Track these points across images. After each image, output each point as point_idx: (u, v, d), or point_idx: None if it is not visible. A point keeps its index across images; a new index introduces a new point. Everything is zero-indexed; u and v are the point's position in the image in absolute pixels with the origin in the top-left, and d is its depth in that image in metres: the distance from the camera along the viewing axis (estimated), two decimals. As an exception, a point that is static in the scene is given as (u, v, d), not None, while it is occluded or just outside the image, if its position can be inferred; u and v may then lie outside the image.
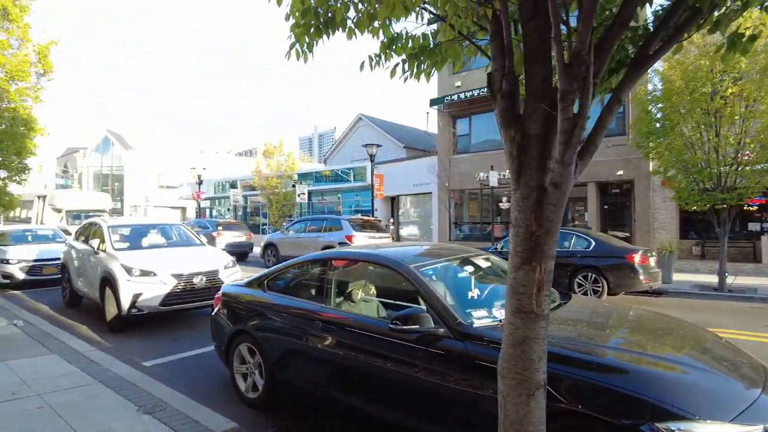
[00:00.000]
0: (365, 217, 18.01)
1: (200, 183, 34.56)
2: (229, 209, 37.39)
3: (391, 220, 22.63)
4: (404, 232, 25.97)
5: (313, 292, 4.74)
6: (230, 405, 4.89)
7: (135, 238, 9.79)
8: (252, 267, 16.96)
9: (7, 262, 12.76)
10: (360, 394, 3.92)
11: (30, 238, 15.21)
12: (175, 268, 8.12)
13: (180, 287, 7.94)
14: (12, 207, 10.70)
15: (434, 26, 2.89)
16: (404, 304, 4.22)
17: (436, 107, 22.76)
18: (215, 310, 5.54)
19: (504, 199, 20.97)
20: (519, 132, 2.29)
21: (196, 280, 8.10)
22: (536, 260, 2.33)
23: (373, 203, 21.63)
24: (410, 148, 29.45)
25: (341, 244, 15.15)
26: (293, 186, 29.84)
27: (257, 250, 22.15)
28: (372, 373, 3.82)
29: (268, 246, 18.42)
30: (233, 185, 37.81)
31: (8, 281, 12.71)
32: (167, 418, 4.32)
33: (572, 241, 9.94)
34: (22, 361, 6.04)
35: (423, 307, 3.81)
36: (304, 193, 27.47)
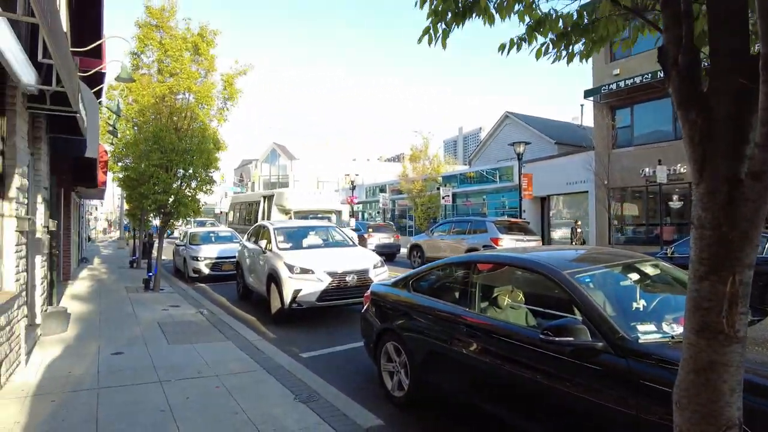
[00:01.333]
0: (512, 219, 17.29)
1: (353, 188, 36.72)
2: (378, 212, 39.15)
3: (577, 223, 20.21)
4: (556, 234, 24.36)
5: (457, 295, 4.67)
6: (377, 401, 4.98)
7: (297, 239, 10.61)
8: (399, 267, 17.44)
9: (197, 259, 14.95)
10: (505, 404, 3.77)
11: (213, 238, 17.70)
12: (330, 266, 8.60)
13: (334, 284, 8.40)
14: (199, 213, 12.51)
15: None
16: (556, 313, 3.87)
17: (591, 98, 20.94)
18: (365, 307, 5.73)
19: (675, 197, 18.38)
20: (702, 113, 1.88)
21: (348, 278, 8.51)
22: (727, 269, 1.91)
23: (520, 204, 20.68)
24: (563, 144, 27.51)
25: (486, 246, 14.72)
26: (438, 189, 30.03)
27: (404, 251, 22.75)
28: (519, 384, 3.64)
29: (414, 247, 18.73)
30: (382, 189, 39.52)
31: (197, 275, 14.88)
32: (319, 408, 4.55)
33: (766, 245, 8.30)
34: (206, 345, 6.95)
35: (578, 317, 3.50)
36: (448, 196, 27.47)
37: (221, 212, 76.74)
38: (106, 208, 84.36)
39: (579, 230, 19.09)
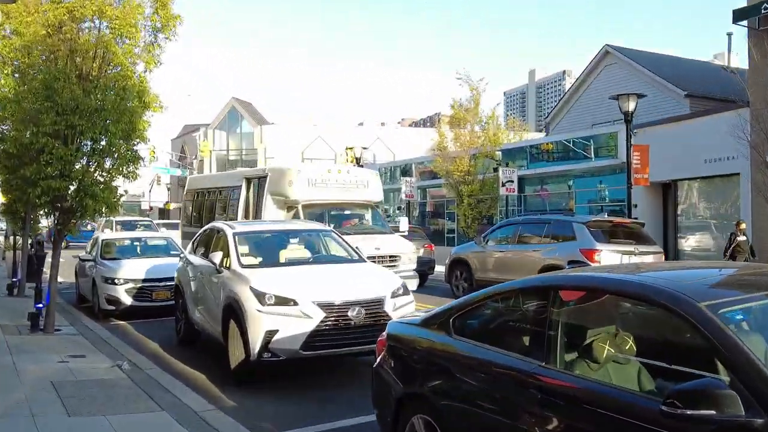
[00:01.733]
0: (617, 219, 17.17)
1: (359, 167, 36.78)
2: (400, 208, 39.19)
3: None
4: (689, 243, 24.13)
5: (527, 341, 4.69)
6: None
7: (269, 249, 10.78)
8: (432, 295, 17.51)
9: (113, 282, 15.28)
10: None
11: (139, 249, 17.97)
12: (322, 293, 8.75)
13: (329, 323, 8.53)
14: (115, 209, 12.63)
15: None
16: (688, 371, 3.84)
17: (744, 23, 20.68)
18: (378, 359, 5.81)
19: None
20: None
21: (352, 312, 8.61)
22: None
23: (630, 195, 20.47)
24: (697, 98, 27.21)
25: (573, 262, 14.64)
26: (494, 170, 29.87)
27: (440, 269, 22.73)
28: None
29: (457, 263, 18.84)
30: (406, 172, 39.57)
31: (114, 308, 15.20)
32: None
33: None
34: (127, 418, 7.06)
35: (724, 378, 3.50)
36: (512, 181, 27.39)
37: (150, 208, 78.21)
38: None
39: (742, 237, 18.64)
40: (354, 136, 53.62)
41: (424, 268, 21.35)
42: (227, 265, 9.85)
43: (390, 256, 15.85)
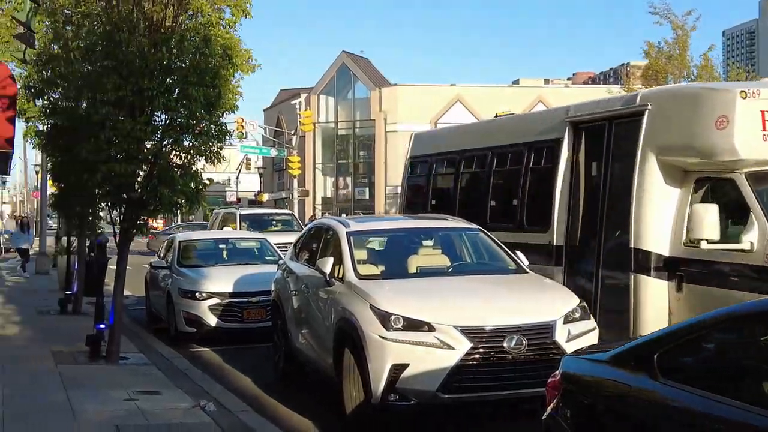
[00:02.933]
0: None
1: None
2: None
3: None
4: None
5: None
6: None
7: (396, 255, 10.88)
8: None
9: (194, 296, 15.77)
10: None
11: (225, 254, 18.48)
12: (467, 316, 8.70)
13: (478, 356, 8.46)
14: (198, 201, 12.91)
15: None
16: None
17: None
18: (548, 408, 5.74)
19: None
20: None
21: (509, 342, 8.52)
22: None
23: None
24: None
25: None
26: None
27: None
28: None
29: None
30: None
31: (194, 330, 15.72)
32: None
33: None
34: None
35: None
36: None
37: (238, 199, 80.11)
38: (13, 193, 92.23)
39: None
40: (506, 99, 52.96)
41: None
42: (340, 276, 9.94)
43: None
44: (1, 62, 11.68)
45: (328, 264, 10.10)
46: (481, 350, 8.45)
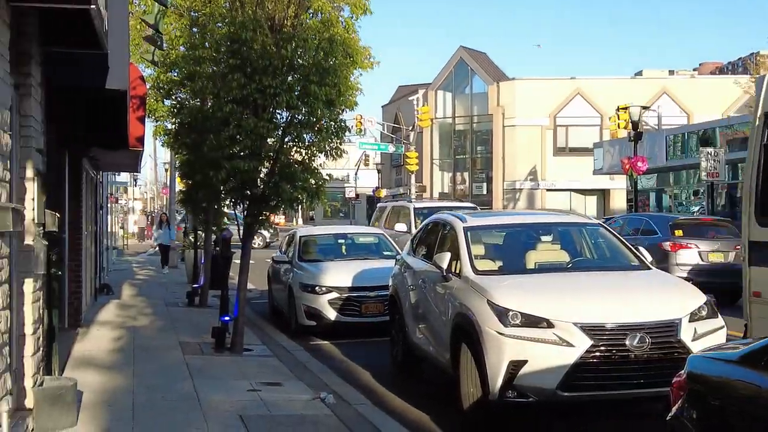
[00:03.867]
0: None
1: (637, 138, 35.39)
2: (696, 192, 37.35)
3: None
4: None
5: None
6: None
7: (513, 250, 10.77)
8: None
9: (314, 290, 16.01)
10: None
11: (344, 249, 18.68)
12: (587, 313, 8.56)
13: (598, 353, 8.31)
14: (318, 197, 13.05)
15: None
16: None
17: None
18: (673, 409, 5.62)
19: None
20: None
21: (631, 340, 8.33)
22: None
23: None
24: None
25: None
26: None
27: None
28: None
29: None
30: (706, 140, 37.74)
31: (314, 322, 15.99)
32: None
33: None
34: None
35: None
36: None
37: (356, 195, 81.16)
38: (143, 190, 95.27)
39: None
40: (628, 92, 51.95)
41: (734, 280, 20.17)
42: (457, 271, 9.91)
43: None
44: (132, 64, 11.98)
45: (445, 259, 10.06)
46: (602, 348, 8.28)
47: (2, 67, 6.48)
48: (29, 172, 7.89)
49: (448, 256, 10.09)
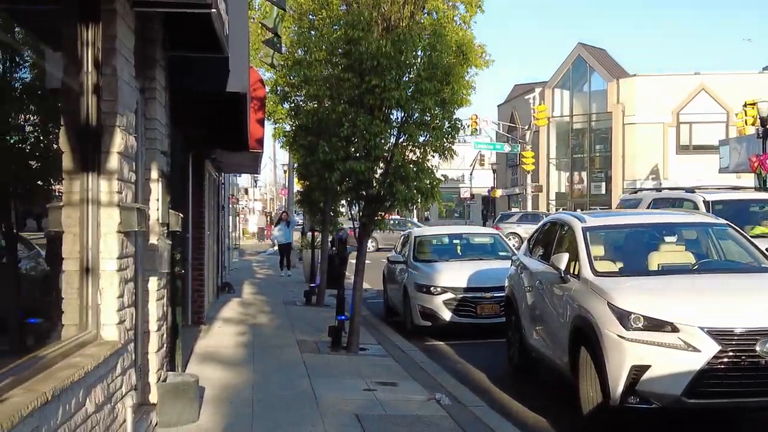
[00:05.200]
0: None
1: (766, 135, 34.14)
2: None
3: None
4: None
5: None
6: None
7: (635, 251, 10.53)
8: None
9: (429, 291, 16.03)
10: None
11: (459, 249, 18.65)
12: (714, 316, 8.27)
13: (726, 359, 8.00)
14: (433, 197, 12.98)
15: None
16: None
17: None
18: None
19: None
20: None
21: (762, 346, 7.96)
22: None
23: None
24: None
25: None
26: None
27: None
28: None
29: None
30: None
31: (429, 322, 15.99)
32: None
33: None
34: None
35: None
36: None
37: (471, 196, 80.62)
38: (263, 191, 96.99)
39: None
40: (755, 87, 50.03)
41: None
42: (575, 272, 9.74)
43: None
44: (251, 67, 12.22)
45: (563, 260, 9.90)
46: (730, 353, 7.94)
47: (128, 71, 6.65)
48: (154, 174, 8.12)
49: (566, 257, 9.93)
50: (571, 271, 9.82)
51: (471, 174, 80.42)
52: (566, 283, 9.80)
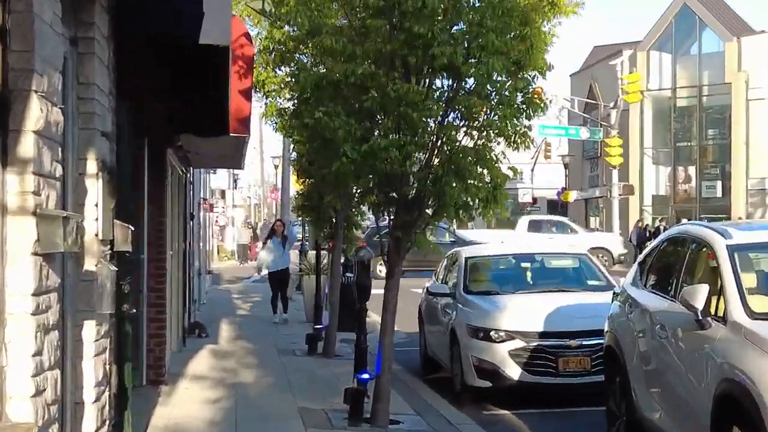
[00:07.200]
0: None
1: None
2: None
3: None
4: None
5: None
6: None
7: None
8: None
9: (488, 336, 15.57)
10: None
11: (530, 276, 18.13)
12: None
13: None
14: (498, 201, 12.41)
15: None
16: None
17: None
18: None
19: None
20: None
21: None
22: None
23: None
24: None
25: None
26: None
27: None
28: None
29: None
30: None
31: (488, 383, 15.53)
32: None
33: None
34: None
35: None
36: None
37: (534, 200, 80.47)
38: (246, 194, 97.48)
39: None
40: None
41: None
42: (720, 314, 9.19)
43: None
44: (235, 16, 11.76)
45: (699, 295, 9.27)
46: None
47: (51, 7, 6.11)
48: (91, 166, 7.68)
49: (704, 290, 9.31)
50: (713, 312, 9.25)
51: (532, 170, 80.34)
52: (705, 330, 9.22)
